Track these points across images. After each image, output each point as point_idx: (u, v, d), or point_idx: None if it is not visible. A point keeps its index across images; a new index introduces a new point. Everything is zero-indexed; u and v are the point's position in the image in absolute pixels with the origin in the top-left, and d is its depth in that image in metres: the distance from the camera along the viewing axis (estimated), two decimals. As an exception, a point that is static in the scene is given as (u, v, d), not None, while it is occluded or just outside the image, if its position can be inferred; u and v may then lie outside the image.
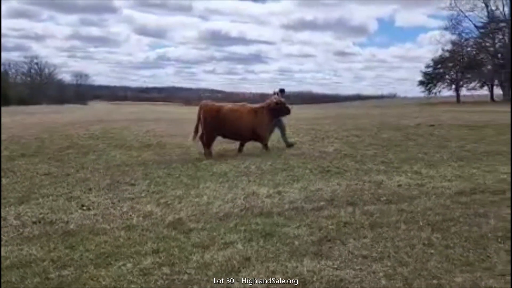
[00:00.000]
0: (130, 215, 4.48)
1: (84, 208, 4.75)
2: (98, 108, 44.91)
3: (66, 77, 73.08)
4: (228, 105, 9.12)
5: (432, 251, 3.41)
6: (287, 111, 9.51)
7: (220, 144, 10.08)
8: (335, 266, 3.13)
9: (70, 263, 3.21)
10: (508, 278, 2.91)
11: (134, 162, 7.66)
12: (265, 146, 9.14)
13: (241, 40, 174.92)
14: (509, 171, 6.58)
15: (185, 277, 3.00)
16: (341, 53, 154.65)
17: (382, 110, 29.64)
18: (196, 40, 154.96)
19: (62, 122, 16.79)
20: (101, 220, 4.31)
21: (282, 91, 10.18)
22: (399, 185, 5.73)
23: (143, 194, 5.38)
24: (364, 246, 3.52)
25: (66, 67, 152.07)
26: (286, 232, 3.88)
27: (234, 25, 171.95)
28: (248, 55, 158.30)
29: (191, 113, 27.34)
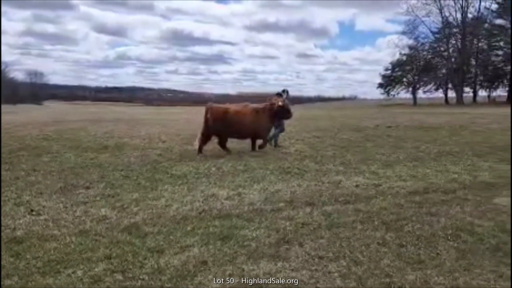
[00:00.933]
0: (83, 220, 4.31)
1: (34, 213, 4.52)
2: (54, 108, 43.24)
3: (19, 75, 69.86)
4: (232, 107, 9.25)
5: (386, 250, 3.49)
6: (289, 115, 9.64)
7: (180, 145, 9.95)
8: (292, 268, 3.13)
9: (14, 272, 3.03)
10: (456, 274, 3.02)
11: (90, 164, 7.40)
12: (264, 145, 9.32)
13: (204, 41, 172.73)
14: (460, 171, 6.88)
15: (138, 283, 2.90)
16: (304, 55, 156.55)
17: (342, 111, 30.28)
18: (158, 40, 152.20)
19: (15, 122, 16.02)
20: (52, 226, 4.11)
21: (285, 91, 10.29)
22: (357, 186, 5.84)
23: (98, 198, 5.19)
24: (320, 247, 3.55)
25: (19, 65, 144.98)
26: (244, 234, 3.85)
27: (197, 25, 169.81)
28: (211, 55, 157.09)
29: (152, 113, 26.87)
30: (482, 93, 52.94)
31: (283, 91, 10.26)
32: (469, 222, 4.19)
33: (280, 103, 9.29)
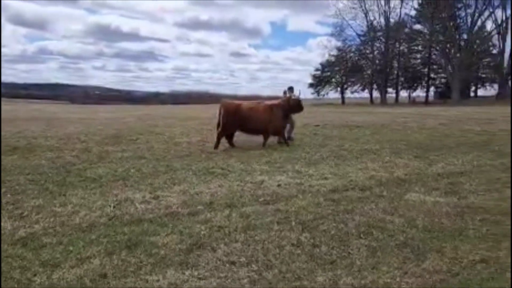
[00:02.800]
0: (-30, 232, 3.80)
1: None
2: (-36, 105, 39.26)
3: None
4: (245, 103, 9.96)
5: (299, 251, 3.43)
6: (301, 109, 10.35)
7: (100, 145, 9.37)
8: (200, 276, 2.95)
9: None
10: (365, 273, 3.03)
11: (-9, 168, 6.67)
12: (285, 141, 10.02)
13: (134, 36, 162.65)
14: (378, 168, 7.13)
15: (23, 304, 2.57)
16: (237, 54, 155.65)
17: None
18: (82, 34, 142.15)
19: None
20: None
21: (291, 89, 11.18)
22: (279, 185, 5.81)
23: (-7, 206, 4.64)
24: (234, 251, 3.41)
25: None
26: (154, 241, 3.61)
27: (125, 20, 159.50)
28: (141, 52, 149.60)
29: (75, 112, 25.30)
30: (403, 93, 56.58)
31: (290, 88, 11.29)
32: (381, 219, 4.29)
33: (296, 97, 10.37)
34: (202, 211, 4.54)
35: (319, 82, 55.69)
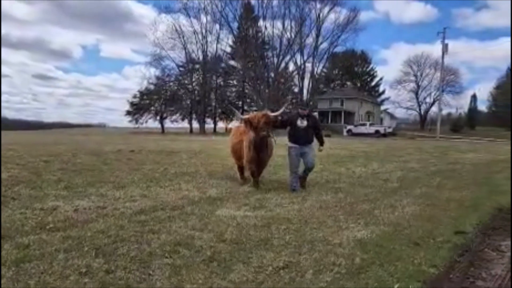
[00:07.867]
0: None
1: None
2: None
3: None
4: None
5: (87, 279, 2.82)
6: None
7: None
8: None
9: None
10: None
11: None
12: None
13: None
14: (191, 188, 6.93)
15: None
16: (42, 76, 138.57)
17: (86, 137, 28.28)
18: None
19: None
20: None
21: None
22: (76, 210, 4.99)
23: None
24: (-7, 292, 2.57)
25: None
26: None
27: None
28: None
29: None
30: (221, 124, 59.64)
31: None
32: (190, 236, 4.00)
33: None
34: (-42, 247, 3.44)
35: (137, 110, 54.15)
